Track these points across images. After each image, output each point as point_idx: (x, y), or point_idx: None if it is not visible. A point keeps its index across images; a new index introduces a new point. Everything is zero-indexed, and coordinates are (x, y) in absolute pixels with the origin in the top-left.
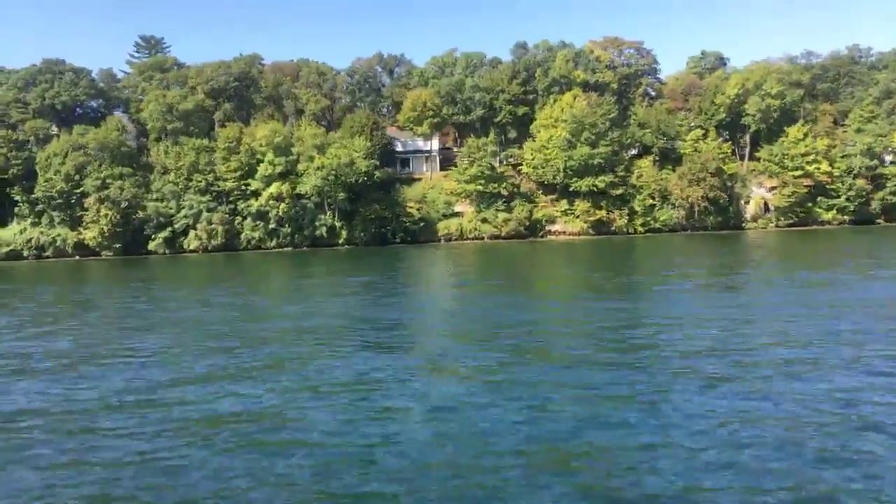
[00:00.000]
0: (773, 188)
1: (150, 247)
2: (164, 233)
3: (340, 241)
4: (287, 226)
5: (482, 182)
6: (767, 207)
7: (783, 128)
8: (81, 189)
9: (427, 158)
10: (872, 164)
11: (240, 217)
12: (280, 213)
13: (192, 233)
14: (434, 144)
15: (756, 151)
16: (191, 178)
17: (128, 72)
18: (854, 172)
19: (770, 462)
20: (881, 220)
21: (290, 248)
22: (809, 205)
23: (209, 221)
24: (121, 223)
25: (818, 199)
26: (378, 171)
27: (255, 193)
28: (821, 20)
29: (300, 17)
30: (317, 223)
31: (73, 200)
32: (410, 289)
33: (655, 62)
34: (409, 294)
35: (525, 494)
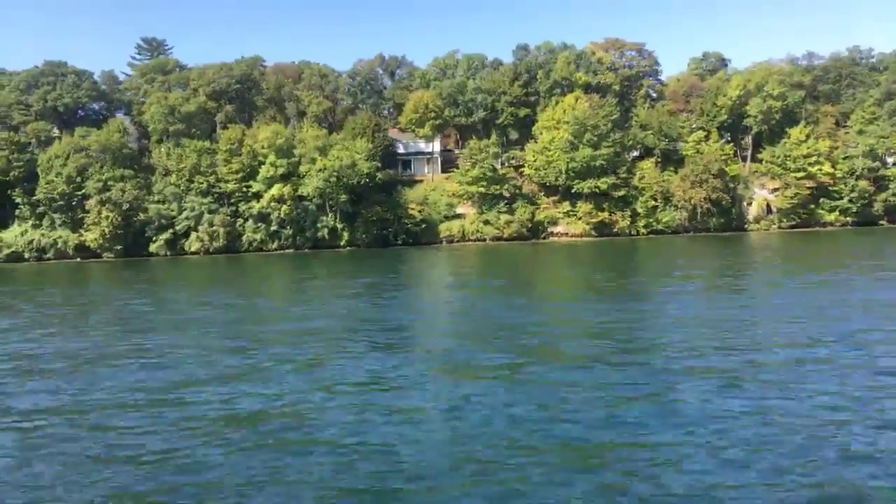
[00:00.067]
0: (776, 190)
1: (152, 249)
2: (166, 234)
3: (342, 243)
4: (288, 228)
5: (484, 184)
6: (770, 209)
7: (785, 129)
8: (83, 191)
9: (428, 160)
10: (875, 166)
11: (241, 219)
12: (282, 215)
13: (194, 235)
14: (435, 146)
15: (758, 153)
16: (192, 180)
17: (129, 74)
18: (856, 174)
19: (792, 460)
20: (884, 222)
21: (292, 250)
22: (812, 206)
23: (211, 223)
24: (122, 225)
25: (821, 201)
26: (380, 173)
27: (257, 195)
28: (821, 21)
29: (301, 19)
30: (318, 225)
31: (75, 202)
32: (415, 290)
33: (657, 64)
34: (414, 295)
35: (547, 493)
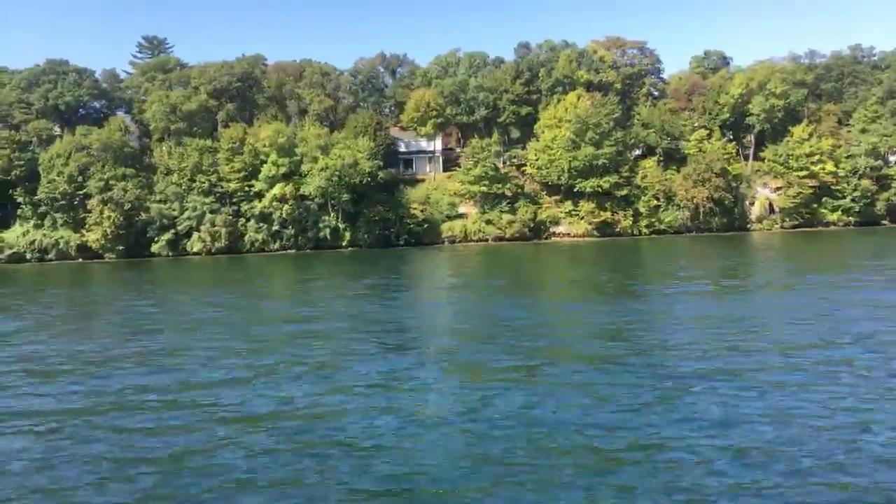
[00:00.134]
0: (778, 189)
1: (154, 249)
2: (168, 235)
3: (344, 244)
4: (290, 228)
5: (486, 183)
6: (772, 208)
7: (787, 128)
8: (84, 190)
9: (430, 159)
10: (877, 165)
11: (243, 219)
12: (284, 215)
13: (196, 235)
14: (437, 145)
15: (760, 151)
16: (194, 180)
17: (131, 72)
18: (859, 173)
19: (813, 462)
20: (886, 221)
21: (294, 251)
22: (815, 206)
23: (212, 223)
24: (124, 225)
25: (823, 200)
26: (381, 172)
27: (259, 195)
28: (821, 20)
29: (302, 17)
30: (320, 225)
31: (76, 202)
32: (420, 291)
33: (658, 62)
34: (420, 296)
35: (569, 495)
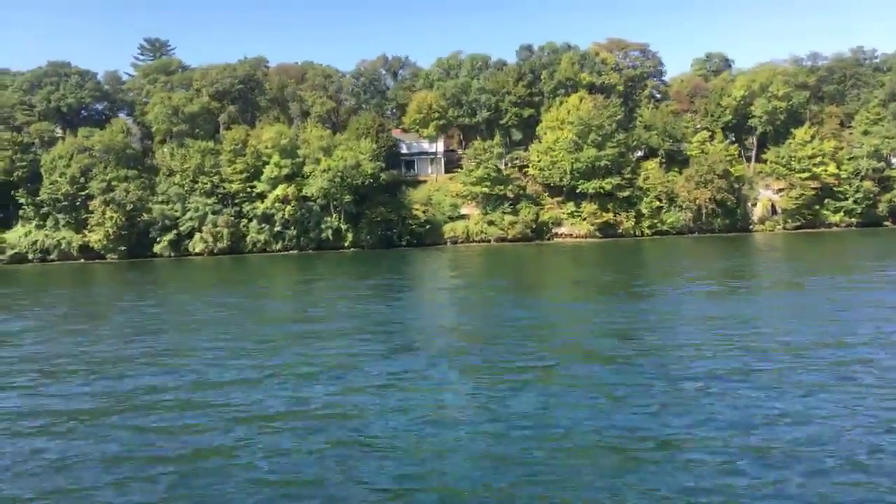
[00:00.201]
0: (781, 190)
1: (156, 249)
2: (170, 235)
3: (346, 244)
4: (293, 228)
5: (488, 184)
6: (775, 210)
7: (790, 130)
8: (86, 192)
9: (432, 160)
10: (880, 167)
11: (245, 219)
12: (286, 216)
13: (198, 235)
14: (439, 146)
15: (763, 153)
16: (196, 181)
17: (132, 74)
18: (861, 174)
19: (841, 460)
20: (888, 223)
21: (296, 251)
22: (817, 207)
23: (214, 224)
24: (126, 226)
25: (825, 202)
26: (384, 174)
27: (261, 196)
28: (823, 22)
29: (303, 19)
30: (322, 226)
31: (78, 203)
32: (425, 292)
33: (660, 64)
34: (425, 297)
35: (593, 494)
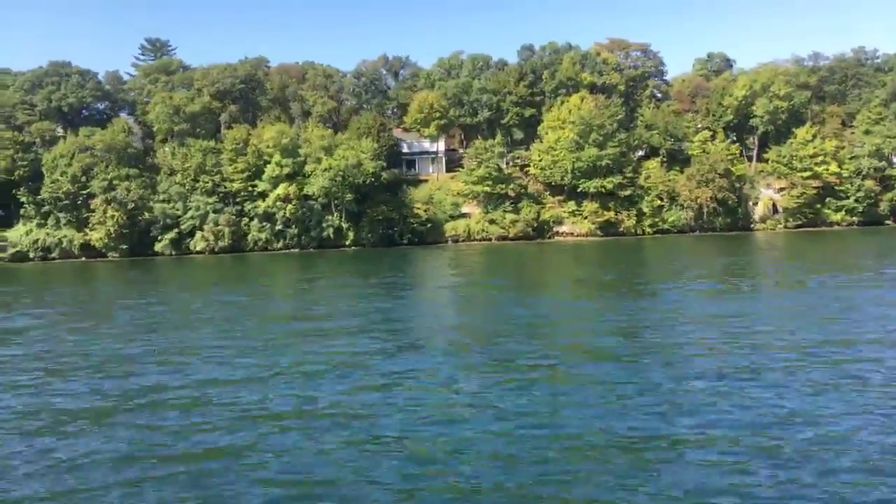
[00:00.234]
0: (782, 189)
1: (157, 248)
2: (171, 234)
3: (347, 243)
4: (294, 227)
5: (489, 183)
6: (776, 209)
7: (791, 129)
8: (88, 190)
9: (433, 160)
10: (881, 166)
11: (246, 218)
12: (287, 215)
13: (199, 234)
14: (440, 146)
15: (764, 153)
16: (197, 180)
17: (133, 74)
18: (863, 174)
19: (856, 461)
20: (889, 221)
21: (297, 250)
22: (818, 206)
23: (216, 223)
24: (127, 224)
25: (827, 201)
26: (385, 173)
27: (262, 195)
28: (824, 22)
29: (303, 19)
30: (324, 224)
31: (80, 202)
32: (428, 290)
33: (662, 64)
34: (429, 295)
35: (607, 492)
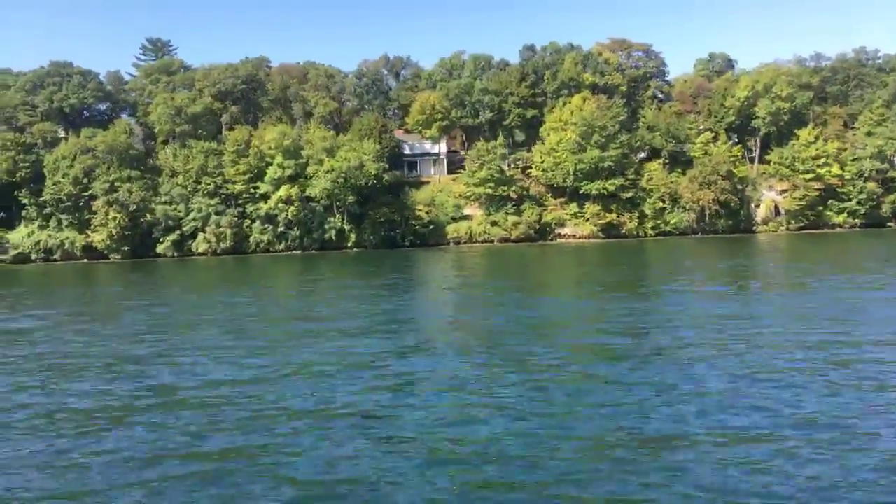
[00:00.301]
0: (784, 191)
1: (159, 250)
2: (173, 236)
3: (349, 244)
4: (296, 229)
5: (491, 185)
6: (778, 210)
7: (793, 130)
8: (90, 192)
9: (435, 161)
10: (883, 168)
11: (248, 220)
12: (289, 216)
13: (201, 236)
14: (442, 147)
15: (766, 154)
16: (199, 181)
17: (134, 75)
18: (865, 175)
19: (882, 460)
20: (892, 223)
21: (299, 251)
22: (820, 208)
23: (218, 224)
24: (129, 226)
25: (829, 203)
26: (387, 175)
27: (265, 196)
28: (825, 22)
29: (304, 19)
30: (326, 226)
31: (82, 203)
32: (434, 290)
33: (663, 64)
34: (435, 295)
35: (628, 492)
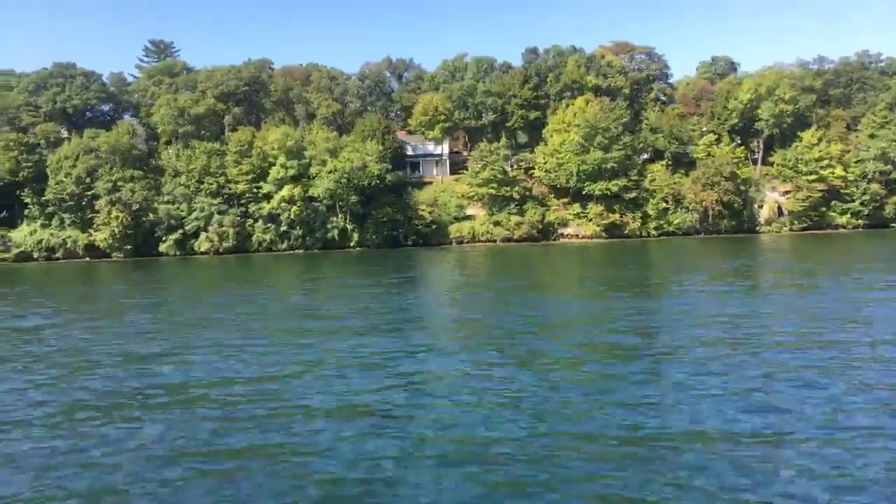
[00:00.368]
0: (787, 192)
1: (161, 249)
2: (175, 235)
3: (352, 244)
4: (298, 228)
5: (494, 185)
6: (781, 211)
7: (796, 133)
8: (92, 192)
9: (437, 162)
10: (886, 169)
11: (251, 219)
12: (292, 216)
13: (204, 235)
14: (444, 148)
15: (769, 156)
16: (202, 181)
17: (137, 76)
18: (868, 177)
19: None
20: (895, 224)
21: (302, 251)
22: (823, 209)
23: (220, 224)
24: (132, 225)
25: (832, 204)
26: (389, 175)
27: (267, 196)
28: (828, 26)
29: (306, 20)
30: (328, 226)
31: (84, 203)
32: (438, 290)
33: (666, 67)
34: (438, 295)
35: (647, 491)
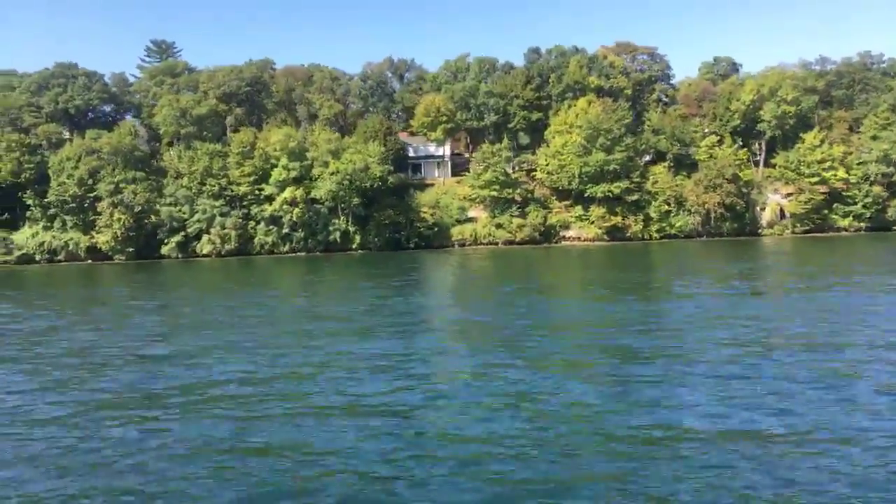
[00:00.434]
0: (789, 195)
1: (163, 251)
2: (177, 237)
3: (354, 246)
4: (300, 230)
5: (496, 187)
6: (783, 214)
7: (798, 134)
8: (94, 193)
9: (439, 164)
10: (889, 171)
11: (253, 222)
12: (294, 218)
13: (206, 237)
14: (446, 150)
15: (771, 158)
16: (204, 183)
17: (139, 76)
18: (870, 179)
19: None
20: None
21: (304, 253)
22: (825, 211)
23: (222, 226)
24: (134, 227)
25: (834, 206)
26: (391, 177)
27: (269, 198)
28: (831, 26)
29: (307, 21)
30: (330, 228)
31: (86, 205)
32: (443, 293)
33: (668, 68)
34: (444, 297)
35: (662, 490)
